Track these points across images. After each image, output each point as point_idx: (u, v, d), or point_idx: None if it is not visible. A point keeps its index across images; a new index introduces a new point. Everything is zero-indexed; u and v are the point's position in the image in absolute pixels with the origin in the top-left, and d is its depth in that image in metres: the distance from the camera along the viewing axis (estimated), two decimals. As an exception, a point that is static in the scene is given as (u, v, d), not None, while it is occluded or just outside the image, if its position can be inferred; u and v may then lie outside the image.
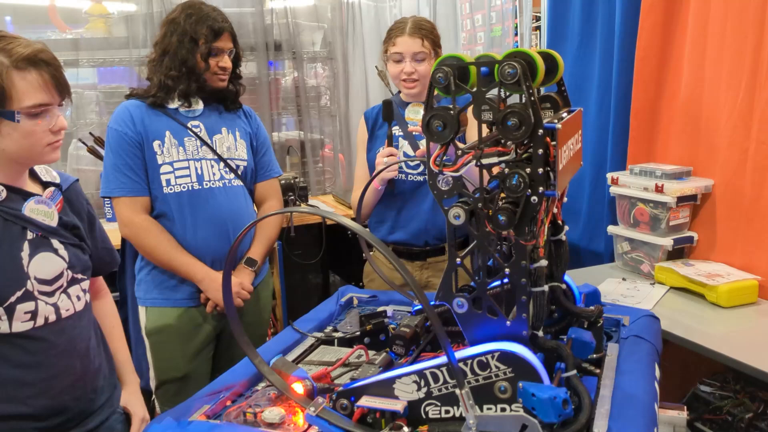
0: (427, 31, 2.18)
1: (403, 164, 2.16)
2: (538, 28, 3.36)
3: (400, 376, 1.17)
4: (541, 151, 1.07)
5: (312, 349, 1.57)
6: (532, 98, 1.06)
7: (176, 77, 2.00)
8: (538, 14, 3.31)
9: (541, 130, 1.07)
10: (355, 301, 1.84)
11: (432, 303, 1.24)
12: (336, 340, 1.60)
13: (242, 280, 2.06)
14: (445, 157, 1.14)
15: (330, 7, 3.68)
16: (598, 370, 1.35)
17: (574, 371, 1.14)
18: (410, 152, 2.18)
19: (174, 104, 2.04)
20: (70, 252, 1.42)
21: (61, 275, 1.39)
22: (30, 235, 1.35)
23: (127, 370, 1.65)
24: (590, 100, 2.89)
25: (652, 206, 2.48)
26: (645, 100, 2.65)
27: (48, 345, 1.36)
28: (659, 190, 2.43)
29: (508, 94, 1.19)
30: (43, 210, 1.37)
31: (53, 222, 1.39)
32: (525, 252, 1.12)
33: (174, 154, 2.01)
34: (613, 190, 2.61)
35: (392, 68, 2.20)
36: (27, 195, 1.37)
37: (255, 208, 2.21)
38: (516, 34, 3.54)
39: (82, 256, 1.46)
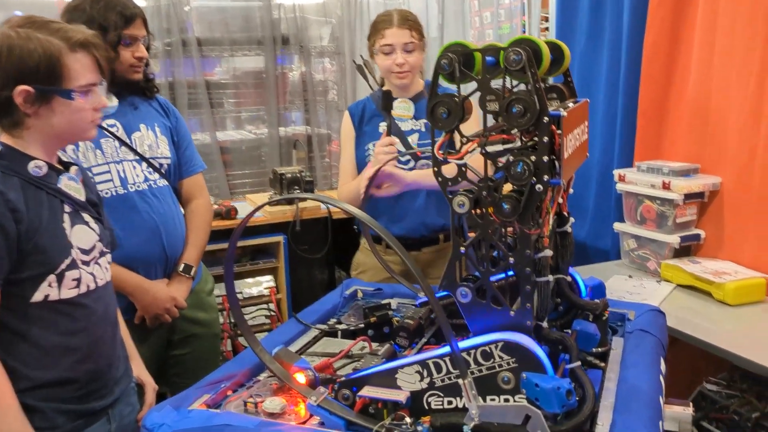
0: (413, 22, 2.18)
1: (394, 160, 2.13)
2: (546, 29, 3.35)
3: (402, 366, 1.16)
4: (546, 138, 1.06)
5: (315, 341, 1.56)
6: (537, 85, 1.05)
7: None
8: (546, 15, 3.30)
9: (546, 118, 1.06)
10: (360, 294, 1.83)
11: (436, 293, 1.23)
12: (339, 332, 1.59)
13: (176, 293, 1.96)
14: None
15: (339, 3, 3.68)
16: (602, 364, 1.34)
17: (578, 362, 1.13)
18: (400, 148, 2.16)
19: None
20: (98, 226, 1.49)
21: (94, 247, 1.46)
22: (67, 208, 1.42)
23: (130, 343, 1.69)
24: (598, 97, 2.87)
25: (659, 203, 2.46)
26: (653, 98, 2.63)
27: (90, 311, 1.44)
28: (666, 187, 2.41)
29: (515, 83, 1.18)
30: (74, 186, 1.44)
31: (82, 197, 1.47)
32: (529, 241, 1.11)
33: (91, 159, 1.87)
34: (620, 187, 2.60)
35: (382, 61, 2.17)
36: (59, 172, 1.44)
37: (181, 208, 2.08)
38: (524, 32, 3.53)
39: (105, 231, 1.53)
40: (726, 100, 2.39)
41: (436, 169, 1.15)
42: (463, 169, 1.13)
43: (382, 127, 2.17)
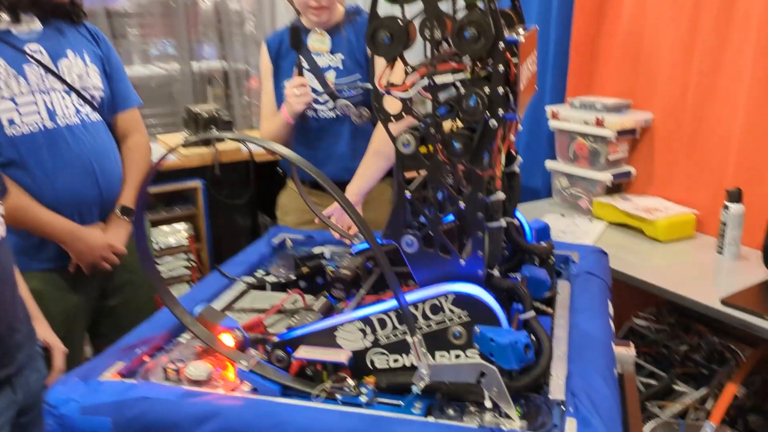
0: None
1: (311, 101, 1.95)
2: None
3: (343, 323, 1.05)
4: (501, 67, 0.94)
5: (242, 295, 1.42)
6: (493, 6, 0.93)
7: None
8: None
9: (501, 44, 0.94)
10: (289, 243, 1.70)
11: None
12: (268, 285, 1.46)
13: (113, 240, 1.80)
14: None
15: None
16: (550, 310, 1.27)
17: (533, 312, 1.05)
18: (317, 86, 1.98)
19: (1, 24, 1.69)
20: None
21: None
22: None
23: (32, 303, 1.53)
24: (529, 30, 2.78)
25: (592, 140, 2.42)
26: (585, 32, 2.57)
27: None
28: (599, 123, 2.36)
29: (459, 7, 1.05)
30: None
31: None
32: (482, 183, 1.00)
33: (14, 87, 1.67)
34: (553, 124, 2.54)
35: None
36: None
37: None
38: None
39: None
40: (658, 35, 2.35)
41: (377, 104, 1.01)
42: (408, 103, 1.00)
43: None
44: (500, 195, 1.05)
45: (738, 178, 2.13)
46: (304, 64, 1.95)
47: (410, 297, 1.01)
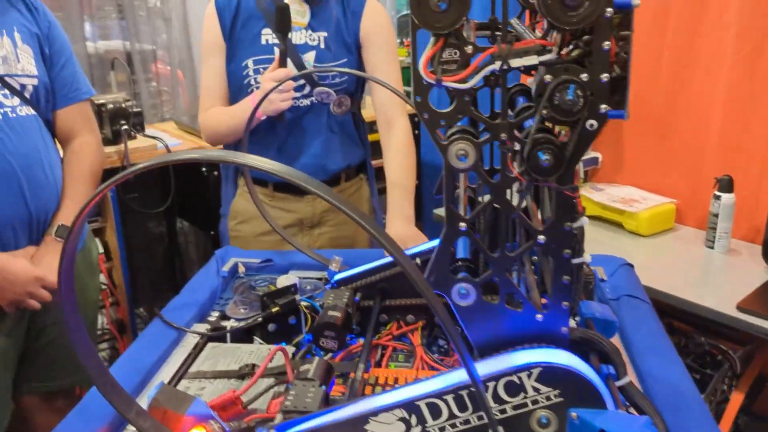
0: None
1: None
2: None
3: (376, 412, 0.74)
4: (607, 45, 0.65)
5: (197, 351, 1.08)
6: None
7: None
8: None
9: (609, 10, 0.65)
10: (242, 269, 1.35)
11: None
12: (228, 334, 1.13)
13: (45, 270, 1.39)
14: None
15: None
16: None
17: (629, 377, 0.77)
18: (294, 69, 1.58)
19: None
20: None
21: None
22: None
23: None
24: None
25: (558, 125, 2.19)
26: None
27: None
28: (567, 105, 2.13)
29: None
30: None
31: None
32: (572, 209, 0.72)
33: None
34: (512, 107, 2.30)
35: None
36: None
37: (59, 147, 1.56)
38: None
39: None
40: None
41: (418, 98, 0.70)
42: (467, 98, 0.69)
43: (266, 36, 1.57)
44: (584, 220, 0.77)
45: (719, 162, 1.97)
46: (271, 38, 1.56)
47: (482, 370, 0.71)
